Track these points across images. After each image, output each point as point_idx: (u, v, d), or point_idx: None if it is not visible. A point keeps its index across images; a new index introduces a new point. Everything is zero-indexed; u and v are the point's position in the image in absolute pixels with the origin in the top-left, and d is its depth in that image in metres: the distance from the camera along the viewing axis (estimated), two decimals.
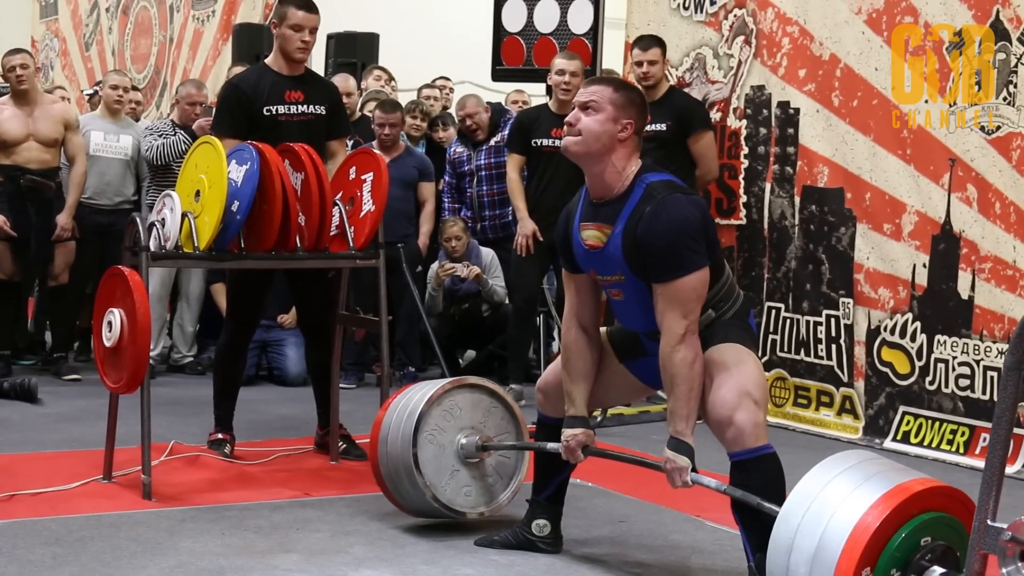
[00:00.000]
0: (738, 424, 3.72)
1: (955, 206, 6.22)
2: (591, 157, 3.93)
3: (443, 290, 8.20)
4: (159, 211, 5.25)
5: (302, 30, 5.64)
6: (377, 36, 10.25)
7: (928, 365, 6.32)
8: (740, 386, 3.76)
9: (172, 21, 12.68)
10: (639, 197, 3.86)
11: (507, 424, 4.71)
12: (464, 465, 4.61)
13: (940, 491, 3.33)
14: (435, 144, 8.94)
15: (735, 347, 3.88)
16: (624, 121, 3.91)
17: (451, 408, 4.61)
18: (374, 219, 5.42)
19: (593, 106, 3.90)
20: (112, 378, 5.07)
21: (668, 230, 3.78)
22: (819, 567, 3.20)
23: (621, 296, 4.01)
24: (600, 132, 3.89)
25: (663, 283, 3.80)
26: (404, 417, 4.55)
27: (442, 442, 4.58)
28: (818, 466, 3.41)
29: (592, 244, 3.98)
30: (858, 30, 6.63)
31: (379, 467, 4.66)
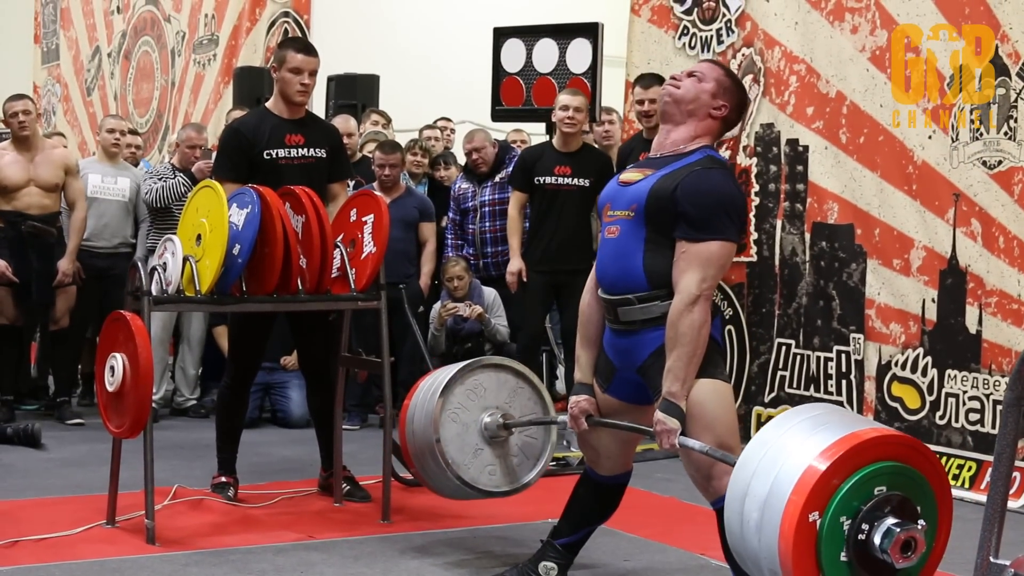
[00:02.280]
0: (715, 481, 3.82)
1: (960, 241, 6.20)
2: (680, 112, 3.99)
3: (446, 330, 8.18)
4: (160, 255, 5.23)
5: (301, 73, 5.64)
6: (377, 78, 10.27)
7: (939, 399, 6.28)
8: (711, 441, 3.79)
9: (173, 65, 12.72)
10: (696, 159, 3.93)
11: (534, 405, 4.70)
12: (488, 444, 4.60)
13: (898, 440, 3.26)
14: (436, 183, 8.94)
15: (705, 385, 3.86)
16: (720, 101, 3.99)
17: (475, 387, 4.60)
18: (375, 261, 5.40)
19: (699, 76, 3.99)
20: (115, 423, 5.04)
21: (714, 190, 3.85)
22: (769, 511, 3.16)
23: (616, 233, 3.99)
24: (697, 95, 3.97)
25: (691, 241, 3.82)
26: (428, 396, 4.57)
27: (466, 421, 4.57)
28: (779, 416, 3.40)
29: (626, 180, 4.03)
30: (862, 67, 6.63)
31: (407, 447, 4.68)
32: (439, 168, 9.03)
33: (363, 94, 10.16)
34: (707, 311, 3.83)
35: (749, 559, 3.28)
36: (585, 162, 7.24)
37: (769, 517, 3.15)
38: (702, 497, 4.66)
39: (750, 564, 3.30)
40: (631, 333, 3.98)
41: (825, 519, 3.11)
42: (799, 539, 3.09)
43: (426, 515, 5.49)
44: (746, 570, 3.40)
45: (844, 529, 3.13)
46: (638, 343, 3.97)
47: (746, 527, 3.22)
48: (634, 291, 3.93)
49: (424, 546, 4.98)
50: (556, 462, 6.70)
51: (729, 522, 3.33)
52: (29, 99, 8.05)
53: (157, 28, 13.07)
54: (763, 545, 3.17)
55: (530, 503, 5.29)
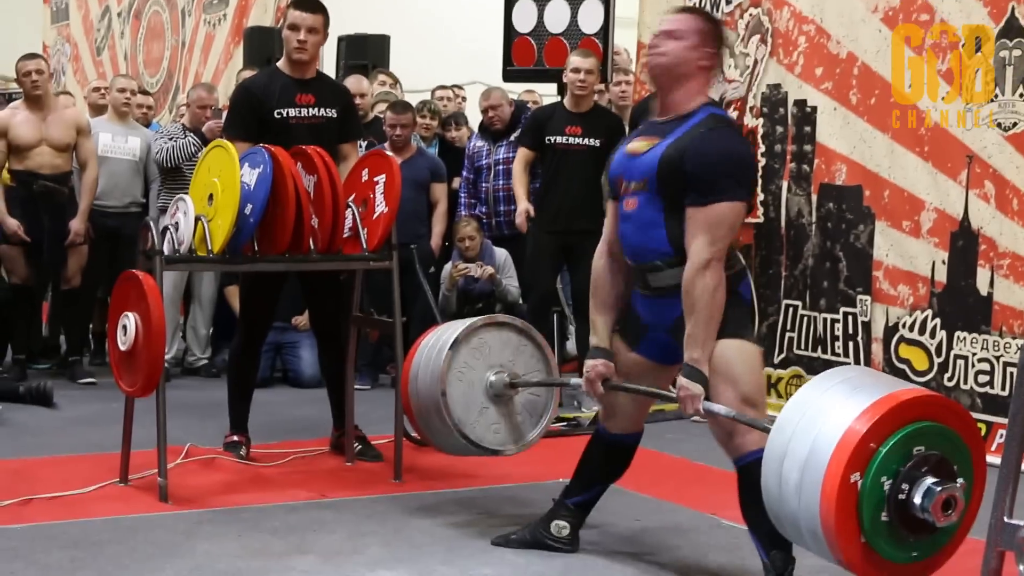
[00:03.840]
0: (738, 439, 3.84)
1: (973, 203, 6.18)
2: (671, 78, 3.95)
3: (457, 290, 8.18)
4: (172, 215, 5.24)
5: (297, 29, 5.62)
6: (388, 38, 10.23)
7: (947, 362, 6.28)
8: (735, 395, 3.82)
9: (184, 25, 12.69)
10: (699, 119, 3.91)
11: (537, 363, 4.72)
12: (493, 403, 4.62)
13: (935, 400, 3.30)
14: (447, 144, 8.92)
15: (726, 345, 3.87)
16: (706, 50, 3.96)
17: (480, 346, 4.61)
18: (387, 221, 5.41)
19: (678, 34, 3.94)
20: (127, 382, 5.07)
21: (718, 153, 3.83)
22: (810, 471, 3.18)
23: (634, 206, 4.01)
24: (684, 56, 3.92)
25: (699, 205, 3.81)
26: (433, 355, 4.58)
27: (471, 379, 4.59)
28: (814, 379, 3.42)
29: (634, 150, 4.03)
30: (874, 28, 6.59)
31: (410, 406, 4.70)
32: (450, 129, 9.01)
33: (374, 54, 10.12)
34: (720, 274, 3.83)
35: (787, 520, 3.31)
36: (596, 122, 7.22)
37: (810, 478, 3.17)
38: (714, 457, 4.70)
39: (787, 525, 3.33)
40: (662, 295, 4.00)
41: (866, 480, 3.14)
42: (841, 500, 3.12)
43: (437, 475, 5.51)
44: (782, 531, 3.42)
45: (885, 489, 3.16)
46: (669, 304, 3.96)
47: (785, 488, 3.25)
48: (661, 258, 3.95)
49: (435, 505, 5.01)
50: (567, 423, 6.74)
51: (767, 483, 3.34)
52: (42, 59, 8.05)
53: None
54: (803, 506, 3.20)
55: (541, 463, 5.32)
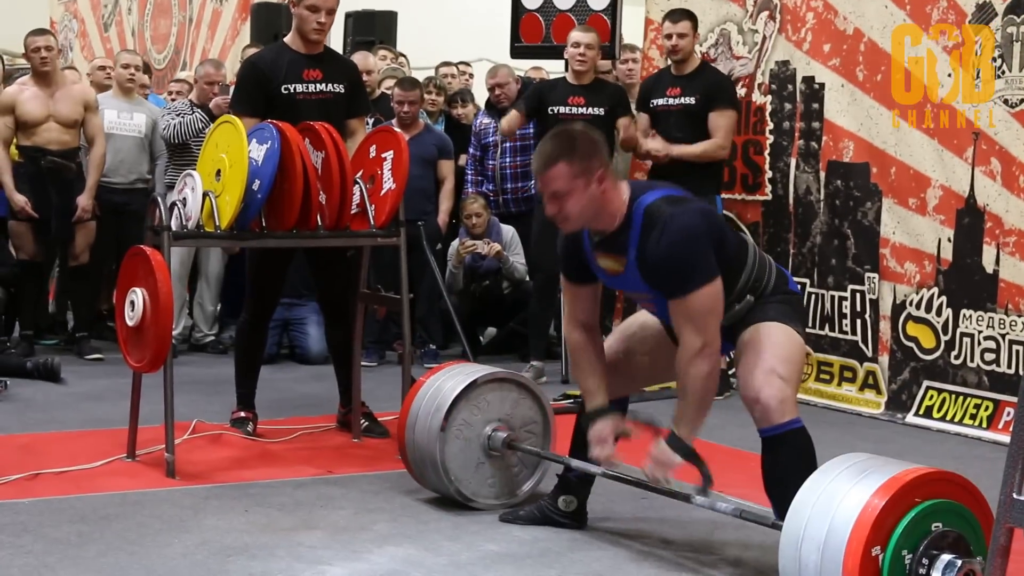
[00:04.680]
0: (764, 402, 3.77)
1: (979, 180, 6.17)
2: (590, 220, 3.91)
3: (463, 267, 8.19)
4: (180, 191, 5.25)
5: (319, 11, 5.61)
6: (395, 14, 10.22)
7: (954, 339, 6.28)
8: (765, 364, 3.80)
9: (191, 1, 12.66)
10: (640, 224, 3.84)
11: (535, 415, 4.72)
12: (489, 458, 4.62)
13: (945, 477, 3.36)
14: (454, 121, 8.92)
15: (768, 325, 3.90)
16: (596, 175, 3.84)
17: (479, 402, 4.61)
18: (395, 198, 5.41)
19: (561, 194, 3.85)
20: (135, 357, 5.09)
21: (672, 249, 3.77)
22: (829, 550, 3.22)
23: (655, 308, 4.07)
24: (584, 206, 3.85)
25: (676, 299, 3.81)
26: (432, 409, 4.56)
27: (469, 436, 4.59)
28: (822, 466, 3.46)
29: (613, 270, 4.00)
30: (881, 4, 6.57)
31: (406, 450, 4.67)
32: (456, 106, 9.01)
33: (381, 31, 10.11)
34: (712, 360, 3.82)
35: None
36: (598, 92, 7.22)
37: (830, 556, 3.21)
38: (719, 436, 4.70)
39: None
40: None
41: (887, 554, 3.18)
42: (864, 574, 3.16)
43: None
44: None
45: (906, 563, 3.21)
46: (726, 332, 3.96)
47: (804, 571, 3.27)
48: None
49: None
50: (573, 400, 6.74)
51: (784, 570, 3.37)
52: (51, 34, 8.05)
53: None
54: None
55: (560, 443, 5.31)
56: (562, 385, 7.26)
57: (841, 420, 6.50)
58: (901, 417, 6.45)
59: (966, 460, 5.59)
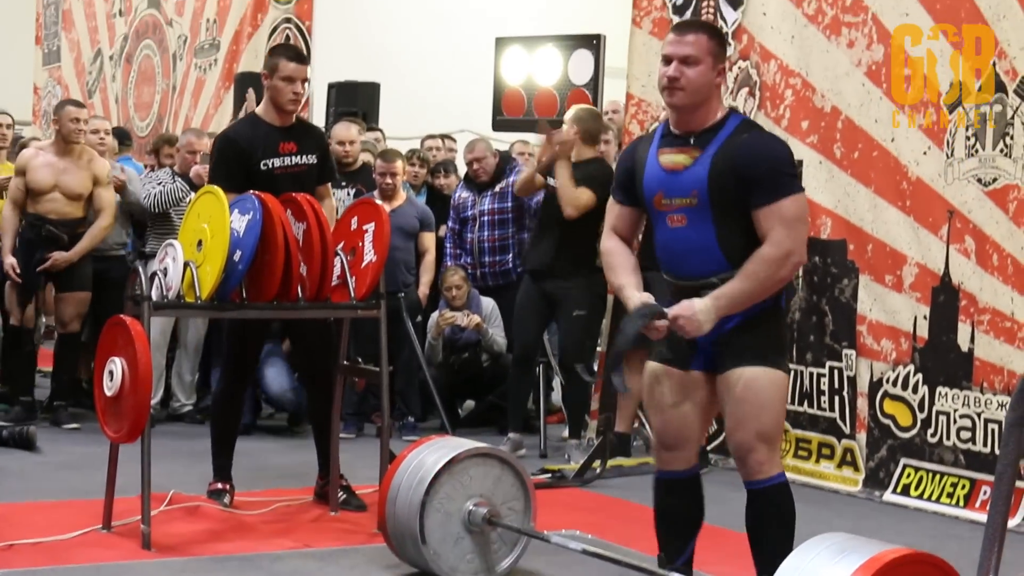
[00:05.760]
0: (750, 465, 3.99)
1: (954, 258, 6.23)
2: (693, 103, 4.01)
3: (443, 339, 8.21)
4: (161, 260, 5.27)
5: (294, 82, 5.69)
6: (378, 85, 10.30)
7: (930, 417, 6.31)
8: (753, 426, 3.96)
9: (175, 69, 12.75)
10: (734, 127, 4.00)
11: (516, 491, 4.72)
12: (469, 533, 4.61)
13: (922, 559, 3.35)
14: (435, 192, 8.97)
15: (755, 377, 3.95)
16: (719, 67, 4.04)
17: (461, 477, 4.61)
18: (375, 269, 5.44)
19: (693, 59, 3.97)
20: (113, 428, 5.07)
21: (770, 155, 3.96)
22: None
23: (684, 222, 4.01)
24: (703, 84, 3.98)
25: (768, 204, 3.90)
26: (415, 482, 4.56)
27: (450, 510, 4.59)
28: (801, 546, 3.47)
29: (672, 166, 4.03)
30: (858, 82, 6.66)
31: (386, 523, 4.67)
32: (439, 176, 9.07)
33: (364, 101, 10.18)
34: (794, 271, 4.03)
35: None
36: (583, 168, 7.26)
37: None
38: None
39: None
40: None
41: None
42: None
43: None
44: None
45: None
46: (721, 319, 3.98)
47: None
48: (716, 273, 3.97)
49: None
50: (552, 474, 6.75)
51: None
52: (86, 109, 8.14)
53: (159, 32, 13.10)
54: None
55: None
56: (540, 460, 7.26)
57: (819, 497, 6.49)
58: (879, 495, 6.46)
59: (942, 539, 5.59)
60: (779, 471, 4.03)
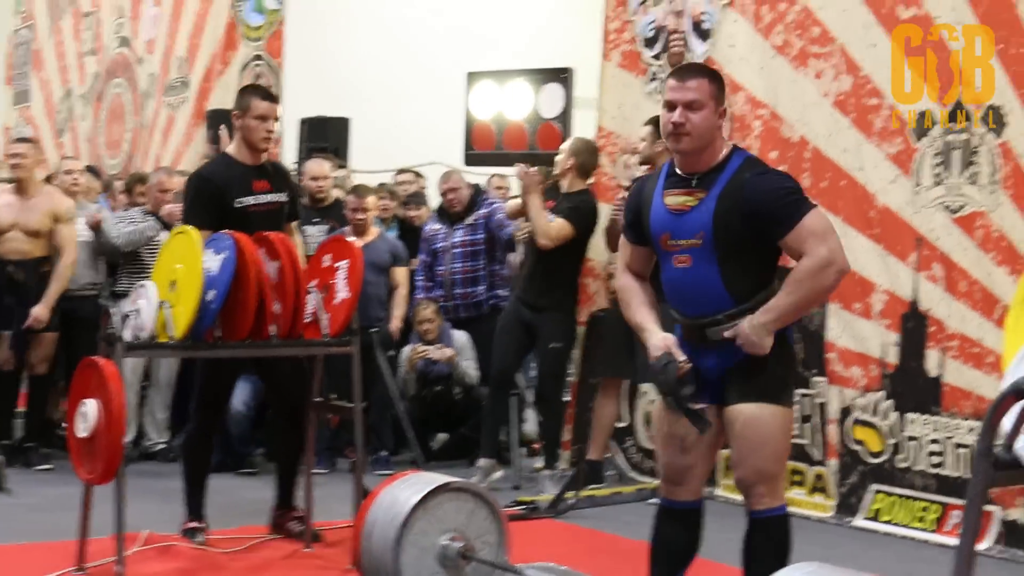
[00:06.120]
0: (752, 497, 4.12)
1: (922, 285, 6.29)
2: (698, 147, 4.11)
3: (416, 373, 8.22)
4: (134, 301, 5.27)
5: (267, 120, 5.77)
6: (348, 120, 10.33)
7: (900, 443, 6.36)
8: (755, 467, 4.08)
9: (145, 107, 12.75)
10: (737, 166, 4.09)
11: (489, 524, 4.74)
12: (444, 567, 4.62)
13: None
14: (407, 226, 9.00)
15: (767, 410, 4.05)
16: (721, 109, 4.14)
17: (435, 512, 4.62)
18: (349, 306, 5.47)
19: (697, 104, 4.07)
20: (86, 469, 5.07)
21: (778, 186, 4.07)
22: None
23: (688, 263, 4.10)
24: (706, 128, 4.08)
25: (791, 230, 4.00)
26: (389, 519, 4.58)
27: (424, 545, 4.60)
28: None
29: (677, 208, 4.12)
30: (826, 112, 6.73)
31: (361, 559, 4.67)
32: (411, 208, 9.10)
33: (334, 137, 10.20)
34: (838, 279, 4.07)
35: None
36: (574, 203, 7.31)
37: None
38: None
39: None
40: (718, 347, 4.11)
41: None
42: None
43: None
44: None
45: None
46: (724, 354, 4.11)
47: None
48: (721, 311, 4.08)
49: None
50: (524, 506, 6.76)
51: None
52: (31, 142, 8.11)
53: (129, 70, 13.11)
54: None
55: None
56: (513, 491, 7.27)
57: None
58: (850, 521, 6.50)
59: (913, 563, 5.66)
60: (780, 504, 4.16)
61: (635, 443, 7.77)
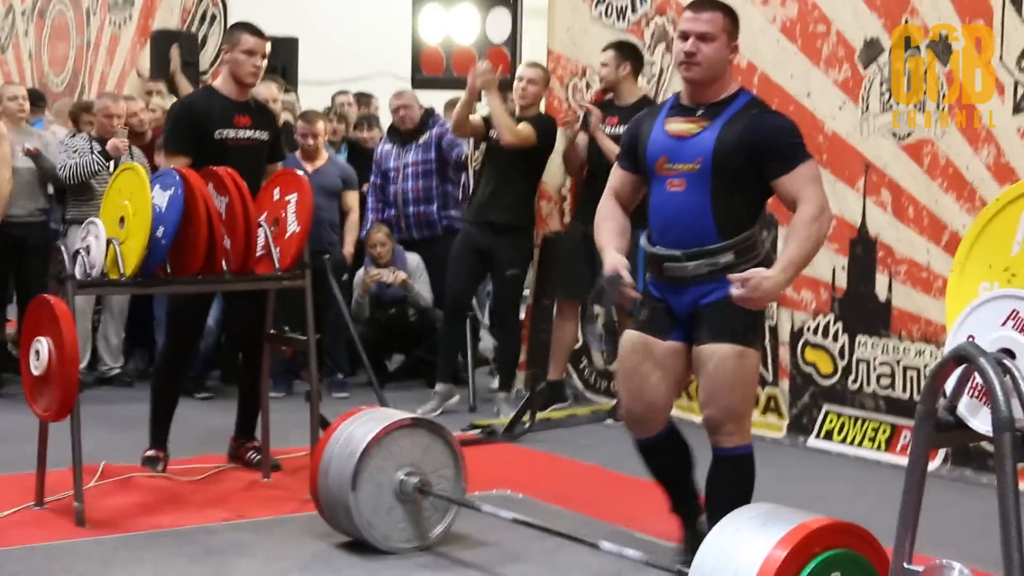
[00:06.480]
0: (720, 435, 4.21)
1: (870, 210, 6.35)
2: (708, 78, 4.20)
3: (369, 296, 8.23)
4: (83, 238, 5.25)
5: (255, 55, 5.78)
6: (296, 40, 10.22)
7: (850, 365, 6.46)
8: (725, 406, 4.16)
9: (89, 25, 12.55)
10: (744, 103, 4.21)
11: (445, 459, 4.78)
12: (401, 502, 4.67)
13: (847, 529, 3.44)
14: (357, 148, 8.95)
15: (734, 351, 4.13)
16: (733, 44, 4.24)
17: (391, 448, 4.66)
18: (299, 240, 5.46)
19: (710, 36, 4.16)
20: (41, 406, 5.07)
21: (781, 128, 4.20)
22: None
23: (682, 187, 4.17)
24: (718, 60, 4.18)
25: (789, 171, 4.11)
26: (345, 455, 4.61)
27: (381, 481, 4.64)
28: (724, 518, 3.54)
29: (679, 133, 4.21)
30: (773, 38, 6.73)
31: (319, 495, 4.72)
32: (362, 129, 9.06)
33: (283, 56, 10.08)
34: (829, 226, 4.22)
35: None
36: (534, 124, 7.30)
37: None
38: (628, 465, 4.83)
39: None
40: (692, 284, 4.19)
41: None
42: None
43: None
44: None
45: None
46: (697, 292, 4.20)
47: None
48: (704, 243, 4.15)
49: None
50: (482, 430, 6.83)
51: None
52: None
53: None
54: None
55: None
56: (470, 414, 7.34)
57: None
58: (803, 440, 6.61)
59: (864, 485, 5.77)
60: (747, 443, 4.24)
61: (589, 363, 7.85)
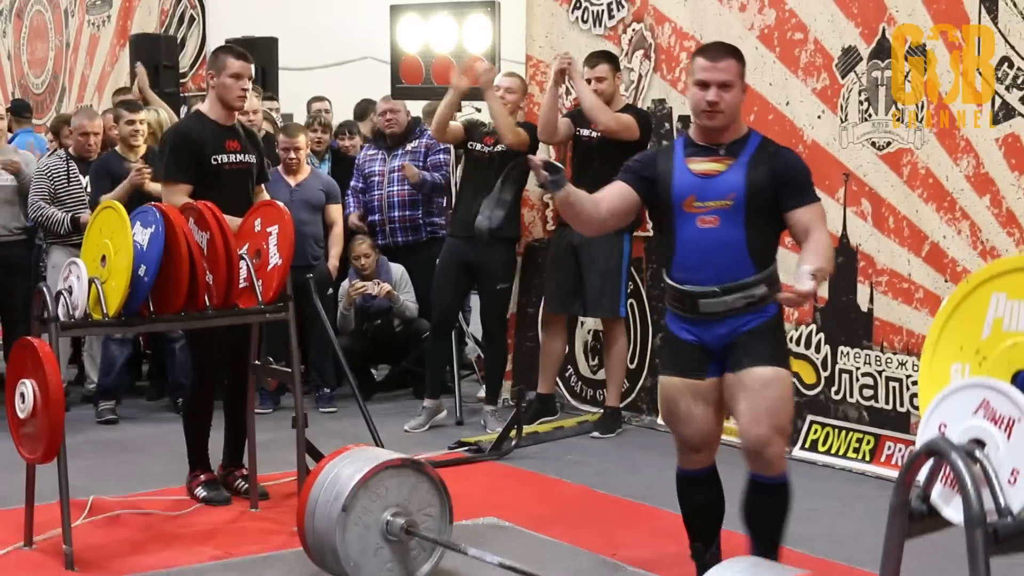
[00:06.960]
0: (767, 458, 4.28)
1: (851, 220, 6.37)
2: (728, 121, 4.35)
3: (355, 308, 8.24)
4: (65, 278, 5.24)
5: (241, 78, 5.81)
6: (276, 40, 10.19)
7: (833, 375, 6.48)
8: (770, 421, 4.27)
9: (67, 26, 12.52)
10: (759, 140, 4.41)
11: (432, 497, 4.79)
12: (388, 543, 4.68)
13: None
14: (340, 156, 8.94)
15: (766, 375, 4.28)
16: (744, 85, 4.44)
17: (378, 489, 4.66)
18: (282, 272, 5.46)
19: (731, 84, 4.32)
20: (28, 449, 5.08)
21: (801, 165, 4.45)
22: None
23: (715, 223, 4.29)
24: (737, 105, 4.38)
25: (806, 204, 4.34)
26: (331, 497, 4.62)
27: (368, 522, 4.64)
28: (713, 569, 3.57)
29: (705, 172, 4.34)
30: (751, 46, 6.72)
31: (305, 536, 4.74)
32: (344, 137, 9.05)
33: (262, 57, 10.05)
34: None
35: None
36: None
37: None
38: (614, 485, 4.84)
39: None
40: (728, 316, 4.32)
41: None
42: None
43: None
44: None
45: None
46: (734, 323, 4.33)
47: None
48: (739, 276, 4.31)
49: None
50: (468, 447, 6.84)
51: None
52: None
53: None
54: None
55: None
56: (457, 428, 7.36)
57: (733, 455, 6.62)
58: (789, 451, 6.62)
59: (850, 501, 5.79)
60: (784, 470, 4.35)
61: (575, 372, 7.87)
